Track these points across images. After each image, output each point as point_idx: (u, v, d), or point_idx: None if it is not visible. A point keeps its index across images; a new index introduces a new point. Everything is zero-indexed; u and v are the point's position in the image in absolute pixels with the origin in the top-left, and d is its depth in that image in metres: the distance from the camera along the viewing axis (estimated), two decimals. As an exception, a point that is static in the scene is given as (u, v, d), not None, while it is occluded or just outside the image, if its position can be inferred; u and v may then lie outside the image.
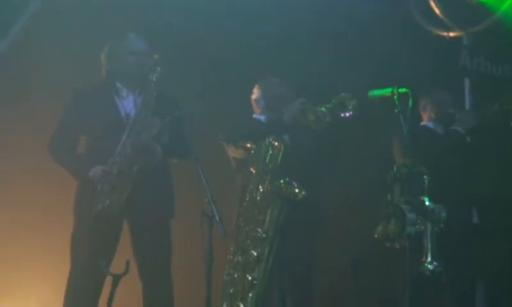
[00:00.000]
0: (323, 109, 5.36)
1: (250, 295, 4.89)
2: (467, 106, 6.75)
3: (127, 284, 4.71)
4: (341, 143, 5.74)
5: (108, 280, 4.69)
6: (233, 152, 5.38)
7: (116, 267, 4.74)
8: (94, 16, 5.90)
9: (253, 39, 6.28)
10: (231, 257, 4.99)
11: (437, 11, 6.91)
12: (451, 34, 6.93)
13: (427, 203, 5.16)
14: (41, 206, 5.97)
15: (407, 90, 5.32)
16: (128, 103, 5.02)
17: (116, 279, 4.62)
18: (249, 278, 4.90)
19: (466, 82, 6.86)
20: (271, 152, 5.05)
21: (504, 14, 6.82)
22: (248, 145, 5.12)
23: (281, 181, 4.97)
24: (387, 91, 5.35)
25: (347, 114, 5.34)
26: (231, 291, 4.94)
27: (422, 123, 5.98)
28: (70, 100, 5.08)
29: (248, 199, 5.07)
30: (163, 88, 4.99)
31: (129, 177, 4.78)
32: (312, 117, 5.39)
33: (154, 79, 4.92)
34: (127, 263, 4.60)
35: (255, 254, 4.91)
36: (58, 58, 5.90)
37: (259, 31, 6.28)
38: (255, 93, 5.60)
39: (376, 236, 5.19)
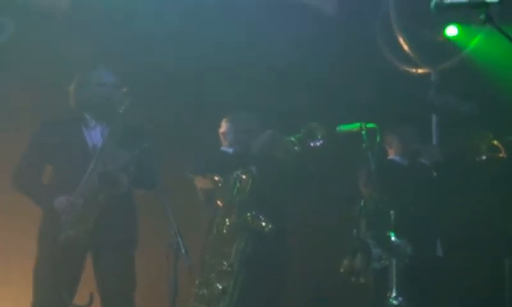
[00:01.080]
0: (292, 139, 5.39)
1: (215, 328, 4.88)
2: (434, 141, 6.81)
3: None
4: (309, 176, 5.75)
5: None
6: (201, 184, 5.38)
7: (80, 299, 4.71)
8: (64, 47, 5.88)
9: (221, 72, 6.30)
10: (196, 290, 4.99)
11: (406, 47, 6.99)
12: (419, 70, 7.00)
13: (392, 238, 5.20)
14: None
15: (375, 125, 5.37)
16: (95, 135, 5.01)
17: (80, 311, 4.59)
18: (214, 311, 4.89)
19: (434, 117, 6.93)
20: (238, 185, 5.08)
21: (471, 51, 6.90)
22: (216, 178, 5.13)
23: (248, 214, 4.99)
24: (355, 126, 5.41)
25: (317, 144, 5.38)
26: (196, 324, 4.92)
27: (388, 158, 6.02)
28: (36, 130, 5.07)
29: (214, 232, 5.07)
30: (131, 120, 5.00)
31: (94, 208, 4.76)
32: (280, 147, 5.41)
33: (122, 111, 4.93)
34: (91, 295, 4.58)
35: (220, 287, 4.91)
36: (27, 88, 5.89)
37: (227, 64, 6.30)
38: (223, 126, 5.63)
39: (341, 270, 5.21)
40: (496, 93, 6.55)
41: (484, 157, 5.96)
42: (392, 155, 6.02)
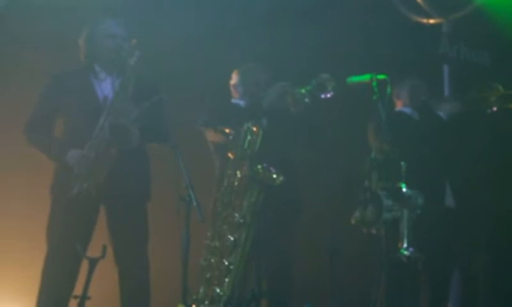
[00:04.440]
0: (302, 91, 5.37)
1: (227, 279, 4.91)
2: (446, 93, 6.77)
3: (104, 268, 4.71)
4: (319, 128, 5.74)
5: (85, 264, 4.68)
6: (212, 136, 5.38)
7: (93, 251, 4.74)
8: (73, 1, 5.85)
9: (231, 23, 6.26)
10: (208, 242, 5.01)
11: (417, -3, 6.92)
12: (431, 21, 6.93)
13: (403, 189, 5.20)
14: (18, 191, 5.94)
15: (385, 77, 5.34)
16: (106, 86, 5.01)
17: (93, 263, 4.62)
18: (226, 263, 4.92)
19: (445, 68, 6.88)
20: (249, 137, 5.07)
21: (483, 1, 6.83)
22: (227, 130, 5.12)
23: (259, 166, 4.99)
24: (365, 78, 5.37)
25: (328, 95, 5.36)
26: (208, 276, 4.96)
27: (397, 109, 5.99)
28: (47, 83, 5.06)
29: (225, 184, 5.08)
30: (142, 72, 4.99)
31: (106, 161, 4.77)
32: (290, 99, 5.39)
33: (132, 63, 4.91)
34: (104, 247, 4.61)
35: (232, 239, 4.93)
36: (36, 44, 5.87)
37: (237, 14, 6.25)
38: (234, 79, 5.61)
39: (353, 222, 5.23)
40: (508, 43, 6.49)
41: (492, 109, 5.90)
42: (399, 106, 5.99)
